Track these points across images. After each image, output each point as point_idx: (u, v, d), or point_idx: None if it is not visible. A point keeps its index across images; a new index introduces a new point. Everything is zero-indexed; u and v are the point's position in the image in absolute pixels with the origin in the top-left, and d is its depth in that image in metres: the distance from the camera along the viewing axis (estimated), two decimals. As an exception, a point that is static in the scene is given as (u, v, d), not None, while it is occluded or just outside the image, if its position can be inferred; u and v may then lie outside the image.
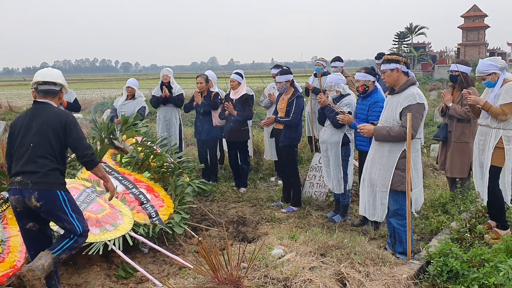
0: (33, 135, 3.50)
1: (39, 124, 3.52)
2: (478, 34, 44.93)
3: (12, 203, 3.49)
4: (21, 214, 3.49)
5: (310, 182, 6.81)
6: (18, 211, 3.48)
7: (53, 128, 3.52)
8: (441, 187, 6.75)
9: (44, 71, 3.74)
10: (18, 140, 3.53)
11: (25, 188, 3.40)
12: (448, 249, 3.89)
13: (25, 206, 3.44)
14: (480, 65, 4.84)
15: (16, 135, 3.56)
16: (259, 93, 15.38)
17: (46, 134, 3.50)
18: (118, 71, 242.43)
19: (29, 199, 3.39)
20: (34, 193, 3.39)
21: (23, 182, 3.41)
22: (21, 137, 3.53)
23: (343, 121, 5.30)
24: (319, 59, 8.56)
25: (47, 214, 3.51)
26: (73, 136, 3.57)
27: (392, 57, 4.30)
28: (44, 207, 3.42)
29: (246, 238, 5.13)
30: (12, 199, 3.46)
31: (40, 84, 3.63)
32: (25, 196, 3.40)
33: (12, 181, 3.47)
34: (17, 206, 3.46)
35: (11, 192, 3.47)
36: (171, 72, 8.30)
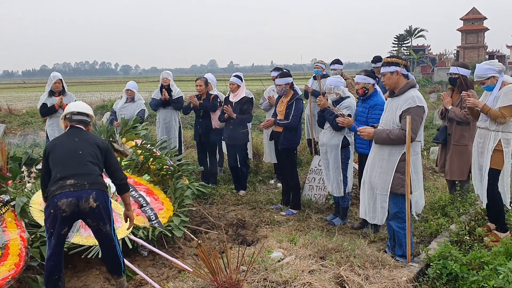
0: (80, 146, 3.74)
1: (82, 139, 3.80)
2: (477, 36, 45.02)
3: (61, 207, 3.46)
4: (65, 219, 3.52)
5: (310, 185, 6.81)
6: (63, 215, 3.49)
7: (97, 144, 3.82)
8: (440, 190, 6.75)
9: (78, 103, 4.09)
10: (62, 150, 3.71)
11: (82, 189, 3.52)
12: (447, 252, 3.89)
13: (74, 209, 3.50)
14: (478, 70, 4.84)
15: (57, 147, 3.75)
16: (259, 95, 15.39)
17: (91, 147, 3.77)
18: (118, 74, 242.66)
19: (87, 200, 3.51)
20: (92, 193, 3.54)
21: (78, 184, 3.53)
22: (66, 148, 3.72)
23: (342, 123, 5.31)
24: (318, 61, 8.57)
25: (98, 216, 3.61)
26: (113, 160, 3.95)
27: (392, 59, 4.30)
28: (99, 207, 3.58)
29: (245, 241, 5.13)
30: (62, 203, 3.46)
31: (75, 114, 3.91)
32: (81, 198, 3.50)
33: (61, 185, 3.51)
34: (65, 210, 3.48)
35: (62, 196, 3.48)
36: (170, 75, 8.31)
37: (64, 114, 3.95)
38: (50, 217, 3.51)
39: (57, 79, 7.54)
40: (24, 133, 13.25)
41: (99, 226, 3.65)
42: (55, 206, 3.48)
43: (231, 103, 7.06)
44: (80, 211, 3.53)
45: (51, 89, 7.56)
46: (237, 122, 6.94)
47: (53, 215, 3.49)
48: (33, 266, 3.99)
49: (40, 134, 12.51)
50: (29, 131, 13.34)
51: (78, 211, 3.53)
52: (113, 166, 3.91)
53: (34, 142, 10.26)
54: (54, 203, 3.48)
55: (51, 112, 7.54)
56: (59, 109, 7.49)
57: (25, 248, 3.91)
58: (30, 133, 12.97)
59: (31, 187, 4.93)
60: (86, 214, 3.57)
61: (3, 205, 4.23)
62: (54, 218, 3.50)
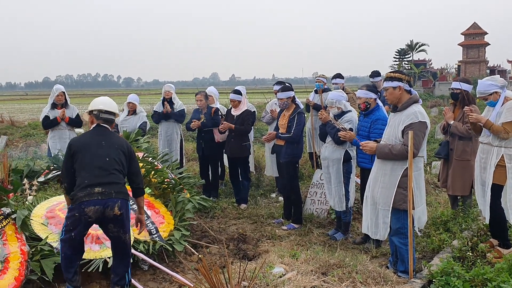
0: (107, 152, 3.85)
1: (109, 143, 3.91)
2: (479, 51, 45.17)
3: (87, 213, 3.65)
4: (89, 224, 3.75)
5: (311, 199, 6.79)
6: (89, 221, 3.70)
7: (122, 150, 3.94)
8: (442, 205, 6.72)
9: (106, 100, 4.10)
10: (89, 154, 3.83)
11: (109, 198, 3.71)
12: (450, 268, 3.86)
13: (99, 216, 3.70)
14: (480, 86, 4.84)
15: (84, 150, 3.83)
16: (261, 108, 15.42)
17: (118, 152, 3.90)
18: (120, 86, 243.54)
19: (112, 208, 3.70)
20: (117, 202, 3.74)
21: (105, 193, 3.71)
22: (93, 151, 3.83)
23: (344, 137, 5.30)
24: (319, 75, 8.61)
25: (120, 223, 3.80)
26: (135, 164, 4.09)
27: (394, 74, 4.30)
28: (123, 215, 3.78)
29: (246, 256, 5.10)
30: (90, 210, 3.65)
31: (103, 112, 3.99)
32: (107, 206, 3.69)
33: (89, 192, 3.67)
34: (91, 217, 3.68)
35: (90, 203, 3.66)
36: (173, 88, 8.37)
37: (91, 108, 4.01)
38: (73, 219, 3.71)
39: (59, 92, 7.59)
40: (26, 145, 13.27)
41: (119, 233, 3.81)
42: (81, 211, 3.66)
43: (232, 116, 7.07)
44: (105, 217, 3.73)
45: (53, 102, 7.61)
46: (238, 134, 6.96)
47: (77, 218, 3.68)
48: (33, 280, 3.96)
49: (42, 147, 12.52)
50: (31, 143, 13.35)
51: (103, 217, 3.74)
52: (134, 169, 4.06)
53: (35, 155, 10.25)
54: (81, 209, 3.66)
55: (53, 124, 7.57)
56: (61, 121, 7.53)
57: (25, 261, 3.89)
58: (32, 145, 12.99)
59: (32, 199, 4.92)
60: (110, 220, 3.76)
61: (4, 218, 4.22)
62: (77, 221, 3.70)
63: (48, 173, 5.95)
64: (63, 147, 7.11)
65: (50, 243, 4.21)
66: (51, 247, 4.19)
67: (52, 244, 4.20)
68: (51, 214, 4.56)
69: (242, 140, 7.01)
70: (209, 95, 7.85)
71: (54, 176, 5.88)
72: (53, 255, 4.11)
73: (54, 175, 5.89)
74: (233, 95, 7.18)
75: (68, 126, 7.70)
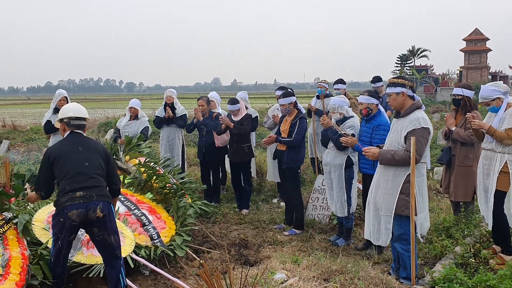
0: (85, 157, 3.93)
1: (86, 148, 3.98)
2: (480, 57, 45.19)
3: (71, 217, 3.70)
4: (74, 227, 3.79)
5: (313, 204, 6.77)
6: (73, 224, 3.74)
7: (99, 154, 4.02)
8: (444, 211, 6.70)
9: (75, 107, 4.17)
10: (68, 161, 3.87)
11: (90, 201, 3.76)
12: (452, 275, 3.84)
13: (83, 219, 3.74)
14: (483, 91, 4.83)
15: (63, 158, 3.89)
16: (262, 113, 15.43)
17: (96, 156, 3.98)
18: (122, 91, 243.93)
19: (94, 210, 3.75)
20: (99, 204, 3.79)
21: (87, 196, 3.76)
22: (71, 158, 3.89)
23: (346, 143, 5.29)
24: (321, 81, 8.61)
25: (104, 225, 3.83)
26: (112, 166, 4.18)
27: (398, 80, 4.30)
28: (106, 217, 3.82)
29: (248, 262, 5.08)
30: (73, 213, 3.70)
31: (73, 119, 4.05)
32: (89, 208, 3.74)
33: (72, 196, 3.74)
34: (75, 220, 3.72)
35: (73, 207, 3.71)
36: (174, 93, 8.37)
37: (61, 116, 4.08)
38: (59, 225, 3.75)
39: (62, 97, 7.62)
40: (28, 149, 13.28)
41: (104, 236, 3.85)
42: (65, 216, 3.71)
43: (233, 121, 7.09)
44: (88, 219, 3.77)
45: (56, 106, 7.62)
46: (239, 137, 6.99)
47: (62, 223, 3.73)
48: (34, 285, 3.95)
49: (43, 151, 12.53)
50: (33, 148, 13.37)
51: (86, 220, 3.77)
52: (111, 171, 4.14)
53: (37, 159, 10.27)
54: (64, 214, 3.71)
55: (55, 129, 7.58)
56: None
57: (26, 266, 3.88)
58: (34, 150, 13.01)
59: (34, 204, 4.91)
60: (93, 223, 3.80)
61: (5, 223, 4.21)
62: (62, 226, 3.74)
63: (49, 178, 5.94)
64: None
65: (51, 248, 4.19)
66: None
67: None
68: (53, 218, 4.54)
69: (244, 143, 7.02)
70: (211, 100, 7.85)
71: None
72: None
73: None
74: (230, 106, 7.13)
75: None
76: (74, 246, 4.20)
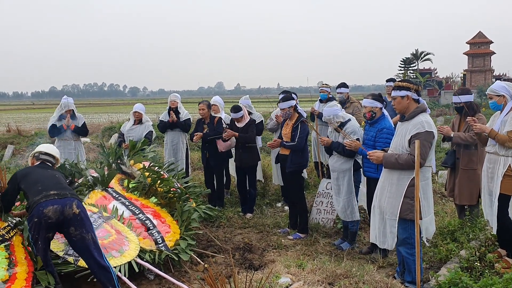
0: (53, 173, 4.17)
1: (51, 171, 4.21)
2: (484, 60, 45.13)
3: (47, 214, 3.71)
4: (50, 225, 3.77)
5: (317, 208, 6.76)
6: (49, 222, 3.74)
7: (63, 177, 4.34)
8: (449, 214, 6.67)
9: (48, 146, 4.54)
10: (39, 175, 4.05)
11: (65, 198, 3.84)
12: (457, 279, 3.83)
13: (59, 217, 3.75)
14: (495, 84, 4.89)
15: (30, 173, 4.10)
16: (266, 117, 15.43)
17: (61, 175, 4.27)
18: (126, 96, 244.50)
19: (70, 206, 3.81)
20: (74, 201, 3.87)
21: (61, 194, 3.86)
22: (41, 173, 4.09)
23: (350, 147, 5.29)
24: (323, 85, 8.60)
25: (81, 223, 3.85)
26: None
27: (403, 84, 4.30)
28: (81, 214, 3.86)
29: (252, 266, 5.08)
30: (48, 210, 3.72)
31: (42, 154, 4.37)
32: (65, 204, 3.79)
33: (46, 194, 3.80)
34: (51, 217, 3.73)
35: (48, 203, 3.74)
36: (178, 97, 8.39)
37: (33, 152, 4.42)
38: (34, 225, 3.75)
39: (68, 110, 7.65)
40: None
41: (82, 233, 3.85)
42: (40, 213, 3.73)
43: (237, 128, 7.12)
44: (65, 217, 3.78)
45: (61, 115, 7.68)
46: (244, 143, 7.00)
47: (37, 222, 3.73)
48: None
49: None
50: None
51: (63, 218, 3.78)
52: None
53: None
54: (39, 211, 3.72)
55: (59, 132, 7.63)
56: (67, 129, 7.60)
57: (31, 272, 3.89)
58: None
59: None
60: (70, 221, 3.81)
61: (11, 229, 4.23)
62: (38, 225, 3.73)
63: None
64: (69, 157, 7.14)
65: (56, 252, 4.21)
66: (57, 256, 4.19)
67: (58, 254, 4.20)
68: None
69: (249, 147, 7.04)
70: (214, 104, 7.87)
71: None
72: (57, 265, 4.10)
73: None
74: (234, 114, 7.15)
75: (74, 136, 7.74)
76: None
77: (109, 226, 4.77)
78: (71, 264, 4.20)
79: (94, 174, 5.72)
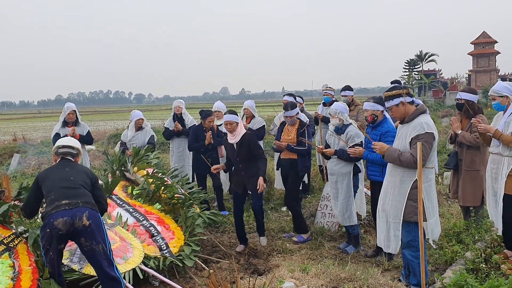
0: (71, 174, 4.02)
1: (72, 168, 4.10)
2: (489, 60, 44.99)
3: (57, 226, 3.68)
4: (61, 237, 3.75)
5: (322, 212, 6.74)
6: (59, 234, 3.71)
7: (86, 174, 4.12)
8: (455, 216, 6.63)
9: (64, 139, 4.40)
10: (54, 178, 3.96)
11: (76, 207, 3.75)
12: (463, 281, 3.80)
13: (69, 228, 3.71)
14: (497, 85, 4.87)
15: (50, 176, 4.01)
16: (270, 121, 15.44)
17: (81, 175, 4.07)
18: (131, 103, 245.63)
19: (80, 218, 3.73)
20: (85, 212, 3.77)
21: (72, 203, 3.77)
22: (57, 175, 3.99)
23: (354, 154, 5.27)
24: (327, 88, 8.60)
25: (91, 234, 3.79)
26: (100, 191, 4.26)
27: (392, 93, 4.27)
28: (92, 225, 3.78)
29: (257, 271, 5.07)
30: (58, 222, 3.68)
31: (60, 147, 4.24)
32: (75, 216, 3.72)
33: (57, 204, 3.75)
34: (61, 229, 3.70)
35: (58, 215, 3.70)
36: (183, 103, 8.38)
37: (53, 148, 4.31)
38: (46, 236, 3.73)
39: (71, 110, 7.71)
40: (38, 162, 13.39)
41: (92, 245, 3.82)
42: (51, 225, 3.70)
43: (232, 146, 5.88)
44: (75, 229, 3.74)
45: (64, 119, 7.71)
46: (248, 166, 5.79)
47: (49, 233, 3.72)
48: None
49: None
50: (44, 161, 13.48)
51: (73, 230, 3.74)
52: (99, 194, 4.19)
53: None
54: (50, 223, 3.70)
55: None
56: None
57: (36, 280, 3.90)
58: (45, 163, 13.11)
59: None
60: (80, 232, 3.77)
61: (15, 237, 4.25)
62: (50, 237, 3.73)
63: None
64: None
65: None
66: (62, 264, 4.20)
67: (63, 262, 4.21)
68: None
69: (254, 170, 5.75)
70: (218, 111, 7.86)
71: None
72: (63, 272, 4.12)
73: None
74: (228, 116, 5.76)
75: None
76: (82, 258, 4.23)
77: (113, 233, 4.78)
78: (75, 272, 4.21)
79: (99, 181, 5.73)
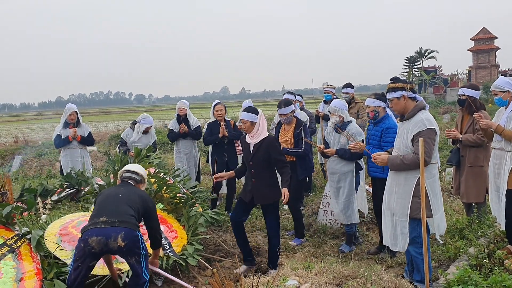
0: (121, 191, 3.99)
1: (127, 189, 4.06)
2: (489, 56, 44.91)
3: (90, 244, 3.60)
4: (94, 254, 3.68)
5: (324, 210, 6.73)
6: (93, 252, 3.64)
7: (140, 198, 4.00)
8: (457, 212, 6.63)
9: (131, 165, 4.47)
10: (106, 194, 4.00)
11: (111, 227, 3.64)
12: (467, 276, 3.80)
13: (103, 248, 3.62)
14: (499, 80, 4.87)
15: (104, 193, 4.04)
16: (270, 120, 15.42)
17: (133, 196, 3.97)
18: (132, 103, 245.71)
19: (115, 239, 3.60)
20: (121, 233, 3.63)
21: (109, 221, 3.66)
22: (110, 192, 4.02)
23: (355, 149, 5.26)
24: (327, 86, 8.59)
25: (126, 254, 3.72)
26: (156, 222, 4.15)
27: (396, 85, 4.26)
28: (127, 246, 3.65)
29: (260, 269, 5.07)
30: (92, 240, 3.60)
31: (125, 172, 4.26)
32: (110, 237, 3.60)
33: (95, 221, 3.68)
34: (95, 248, 3.61)
35: (93, 232, 3.63)
36: (187, 104, 8.24)
37: (118, 174, 4.34)
38: (80, 250, 3.69)
39: (72, 111, 7.71)
40: (40, 164, 13.41)
41: (126, 260, 3.80)
42: (85, 242, 3.63)
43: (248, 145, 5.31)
44: (109, 249, 3.67)
45: (66, 121, 7.72)
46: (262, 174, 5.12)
47: (83, 249, 3.65)
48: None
49: (55, 165, 12.65)
50: (45, 162, 13.49)
51: (107, 249, 3.67)
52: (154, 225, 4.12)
53: (49, 173, 10.37)
54: (85, 239, 3.64)
55: (65, 143, 7.66)
56: (72, 140, 7.63)
57: (40, 281, 3.90)
58: (46, 164, 13.13)
59: (46, 218, 4.96)
60: (114, 252, 3.73)
61: (18, 238, 4.25)
62: (83, 252, 3.66)
63: (61, 192, 6.01)
64: (75, 165, 7.18)
65: (64, 260, 4.22)
66: (65, 264, 4.21)
67: (66, 262, 4.21)
68: (65, 231, 4.58)
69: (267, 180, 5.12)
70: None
71: (67, 195, 5.94)
72: (66, 273, 4.12)
73: (67, 193, 5.95)
74: (243, 114, 5.18)
75: (80, 144, 7.78)
76: None
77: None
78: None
79: (100, 182, 5.74)
